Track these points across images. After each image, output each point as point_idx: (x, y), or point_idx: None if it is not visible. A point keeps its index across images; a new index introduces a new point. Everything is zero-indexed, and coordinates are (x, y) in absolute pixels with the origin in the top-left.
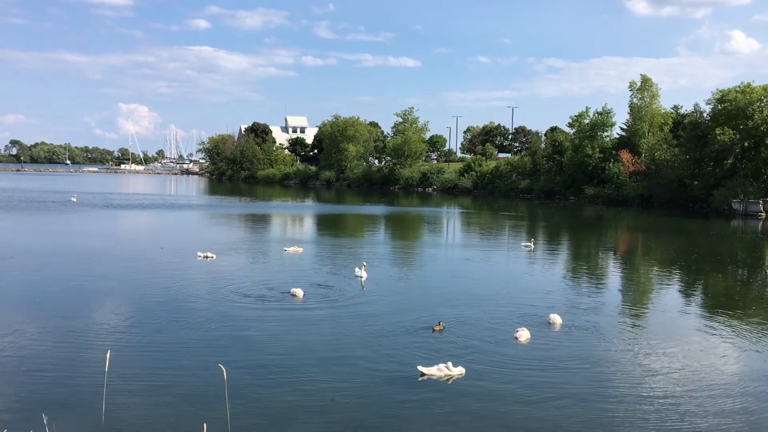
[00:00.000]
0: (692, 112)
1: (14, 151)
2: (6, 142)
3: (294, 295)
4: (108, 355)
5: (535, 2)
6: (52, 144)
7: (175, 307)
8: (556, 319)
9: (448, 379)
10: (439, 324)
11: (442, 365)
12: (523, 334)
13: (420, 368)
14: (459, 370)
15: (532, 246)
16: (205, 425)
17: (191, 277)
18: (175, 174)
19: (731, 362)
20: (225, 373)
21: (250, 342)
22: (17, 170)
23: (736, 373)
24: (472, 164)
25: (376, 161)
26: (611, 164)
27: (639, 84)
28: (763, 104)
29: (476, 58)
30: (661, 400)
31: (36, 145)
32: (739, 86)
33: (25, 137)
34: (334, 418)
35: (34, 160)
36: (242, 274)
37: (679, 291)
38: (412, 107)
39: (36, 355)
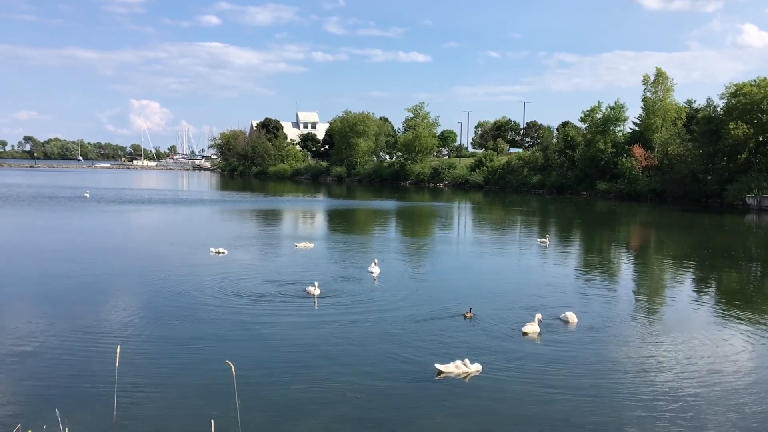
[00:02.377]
0: (705, 106)
1: (28, 147)
2: (19, 138)
3: (309, 293)
4: (118, 351)
5: None
6: (65, 140)
7: (186, 303)
8: (572, 317)
9: (465, 376)
10: (470, 311)
11: (459, 362)
12: (530, 328)
13: (437, 366)
14: (476, 367)
15: (547, 242)
16: (213, 421)
17: (203, 273)
18: (187, 170)
19: (747, 359)
20: (233, 370)
21: (261, 337)
22: (30, 166)
23: (752, 370)
24: (484, 159)
25: (387, 157)
26: (624, 159)
27: (653, 78)
28: None
29: (486, 53)
30: (675, 398)
31: (49, 141)
32: (753, 80)
33: (38, 133)
34: (345, 414)
35: (47, 156)
36: (253, 270)
37: (694, 287)
38: (423, 102)
39: (48, 351)
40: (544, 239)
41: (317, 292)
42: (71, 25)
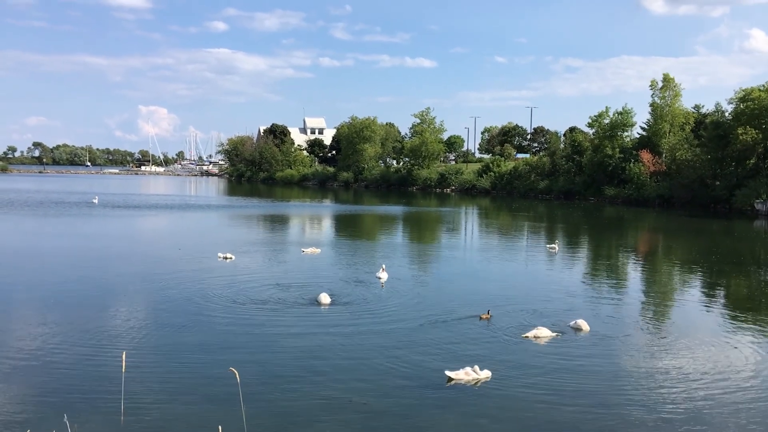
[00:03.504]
0: (714, 111)
1: (37, 153)
2: (29, 144)
3: (321, 303)
4: (124, 356)
5: (550, 1)
6: (73, 146)
7: (193, 309)
8: (584, 324)
9: (475, 383)
10: (488, 312)
11: (469, 368)
12: (532, 333)
13: (447, 373)
14: (486, 374)
15: (557, 248)
16: (220, 427)
17: (210, 279)
18: (195, 175)
19: (757, 367)
20: (238, 376)
21: (268, 343)
22: (40, 172)
23: (761, 378)
24: (491, 165)
25: (394, 162)
26: (631, 164)
27: (661, 83)
28: None
29: (493, 58)
30: (684, 405)
31: (58, 147)
32: (762, 85)
33: (47, 139)
34: (352, 420)
35: (56, 162)
36: (260, 276)
37: (703, 293)
38: (429, 108)
39: (57, 356)
40: (553, 245)
41: (328, 300)
42: (80, 31)
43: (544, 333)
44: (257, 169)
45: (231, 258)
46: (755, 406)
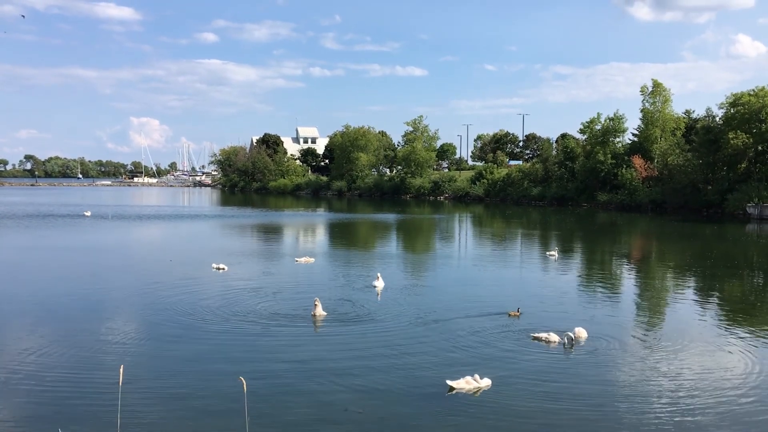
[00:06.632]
0: (704, 116)
1: (29, 166)
2: (20, 156)
3: (317, 315)
4: (121, 370)
5: (539, 9)
6: (65, 158)
7: (188, 320)
8: (582, 332)
9: (476, 392)
10: (517, 310)
11: (469, 377)
12: (542, 335)
13: (449, 382)
14: (486, 382)
15: (556, 255)
16: None
17: (204, 290)
18: (188, 186)
19: (751, 371)
20: (245, 386)
21: (264, 353)
22: (32, 185)
23: (757, 382)
24: (484, 172)
25: (387, 170)
26: (624, 170)
27: (651, 89)
28: None
29: (483, 66)
30: (681, 411)
31: (50, 159)
32: (752, 90)
33: (39, 152)
34: (350, 429)
35: (48, 175)
36: (254, 286)
37: (699, 298)
38: (422, 116)
39: (50, 370)
40: (552, 252)
41: (323, 314)
42: (70, 44)
43: (553, 338)
44: (250, 179)
45: (224, 269)
46: (751, 410)
